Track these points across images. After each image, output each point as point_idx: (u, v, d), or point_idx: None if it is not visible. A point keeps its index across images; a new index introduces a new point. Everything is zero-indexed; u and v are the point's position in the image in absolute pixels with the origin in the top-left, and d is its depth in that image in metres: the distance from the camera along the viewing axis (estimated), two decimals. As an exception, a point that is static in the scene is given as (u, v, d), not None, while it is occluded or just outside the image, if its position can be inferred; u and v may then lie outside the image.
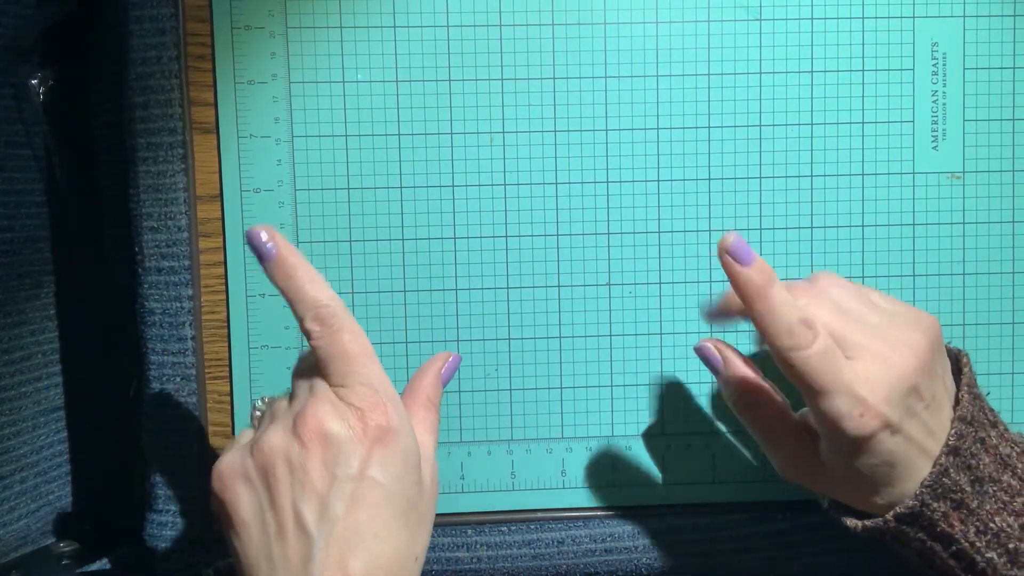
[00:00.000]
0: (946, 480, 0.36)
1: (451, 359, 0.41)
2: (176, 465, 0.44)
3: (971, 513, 0.36)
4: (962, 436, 0.36)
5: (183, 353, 0.44)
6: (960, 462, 0.36)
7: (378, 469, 0.35)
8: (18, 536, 0.47)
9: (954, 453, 0.36)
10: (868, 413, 0.36)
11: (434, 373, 0.41)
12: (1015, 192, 0.46)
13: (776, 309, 0.36)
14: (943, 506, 0.36)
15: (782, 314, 0.36)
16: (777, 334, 0.36)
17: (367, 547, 0.34)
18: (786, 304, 0.36)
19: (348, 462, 0.34)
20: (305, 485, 0.34)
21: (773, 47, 0.45)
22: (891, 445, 0.36)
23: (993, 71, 0.45)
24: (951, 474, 0.36)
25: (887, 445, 0.36)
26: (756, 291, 0.36)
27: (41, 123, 0.47)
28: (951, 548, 0.36)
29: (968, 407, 0.37)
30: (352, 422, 0.35)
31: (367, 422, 0.35)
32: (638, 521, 0.46)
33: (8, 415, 0.46)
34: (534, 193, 0.45)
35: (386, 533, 0.34)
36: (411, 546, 0.35)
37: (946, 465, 0.36)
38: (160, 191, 0.43)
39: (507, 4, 0.44)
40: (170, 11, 0.43)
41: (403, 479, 0.35)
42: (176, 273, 0.44)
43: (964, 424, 0.37)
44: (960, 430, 0.36)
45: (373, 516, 0.34)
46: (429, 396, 0.40)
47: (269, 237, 0.36)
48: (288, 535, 0.34)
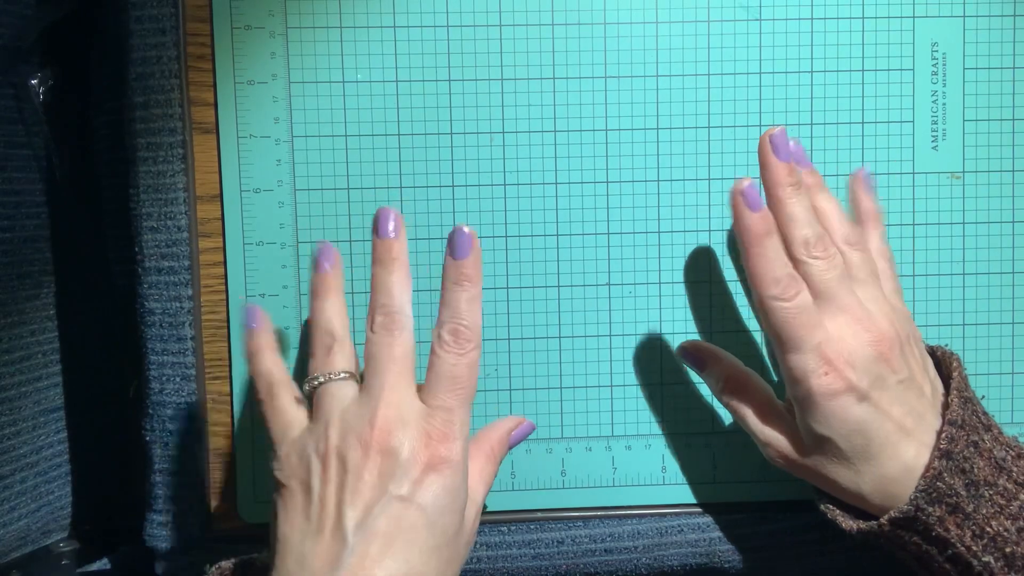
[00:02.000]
0: (940, 484, 0.36)
1: (524, 425, 0.43)
2: (176, 465, 0.44)
3: (967, 517, 0.35)
4: (954, 440, 0.36)
5: (183, 353, 0.44)
6: (954, 466, 0.36)
7: (427, 496, 0.35)
8: (18, 536, 0.47)
9: (947, 456, 0.36)
10: (832, 373, 0.37)
11: (505, 430, 0.42)
12: (1015, 192, 0.46)
13: (769, 256, 0.38)
14: (938, 510, 0.36)
15: (773, 263, 0.38)
16: (764, 281, 0.38)
17: (396, 567, 0.34)
18: (779, 256, 0.38)
19: (401, 480, 0.35)
20: (356, 491, 0.34)
21: (773, 47, 0.45)
22: (860, 412, 0.37)
23: (993, 71, 0.45)
24: (945, 478, 0.36)
25: (855, 412, 0.37)
26: (755, 236, 0.38)
27: (41, 123, 0.47)
28: (947, 552, 0.36)
29: (958, 410, 0.37)
30: (417, 445, 0.35)
31: (431, 448, 0.35)
32: (638, 521, 0.46)
33: (8, 415, 0.46)
34: (534, 193, 0.45)
35: (418, 561, 0.34)
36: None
37: (940, 469, 0.36)
38: (160, 191, 0.43)
39: (507, 4, 0.44)
40: (170, 11, 0.43)
41: (447, 515, 0.35)
42: (176, 273, 0.44)
43: (955, 428, 0.37)
44: (951, 434, 0.36)
45: (410, 541, 0.34)
46: (493, 448, 0.41)
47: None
48: (325, 533, 0.34)
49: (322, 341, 0.38)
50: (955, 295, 0.46)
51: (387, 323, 0.37)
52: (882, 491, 0.37)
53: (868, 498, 0.37)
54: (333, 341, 0.38)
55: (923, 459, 0.37)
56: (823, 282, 0.38)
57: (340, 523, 0.34)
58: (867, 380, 0.37)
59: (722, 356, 0.43)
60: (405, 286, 0.38)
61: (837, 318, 0.38)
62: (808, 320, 0.37)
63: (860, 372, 0.37)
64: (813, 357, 0.37)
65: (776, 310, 0.37)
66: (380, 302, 0.38)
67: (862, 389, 0.37)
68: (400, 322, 0.37)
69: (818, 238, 0.38)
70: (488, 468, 0.40)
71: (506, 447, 0.42)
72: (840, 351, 0.37)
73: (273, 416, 0.38)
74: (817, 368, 0.37)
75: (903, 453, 0.37)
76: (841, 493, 0.39)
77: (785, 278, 0.38)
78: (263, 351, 0.39)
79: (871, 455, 0.37)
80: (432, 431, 0.36)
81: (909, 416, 0.37)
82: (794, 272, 0.38)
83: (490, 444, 0.41)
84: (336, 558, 0.34)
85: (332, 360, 0.38)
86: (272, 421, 0.38)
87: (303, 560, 0.34)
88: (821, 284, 0.38)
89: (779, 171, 0.39)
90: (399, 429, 0.35)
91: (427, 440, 0.36)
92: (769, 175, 0.39)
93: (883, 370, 0.37)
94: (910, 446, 0.37)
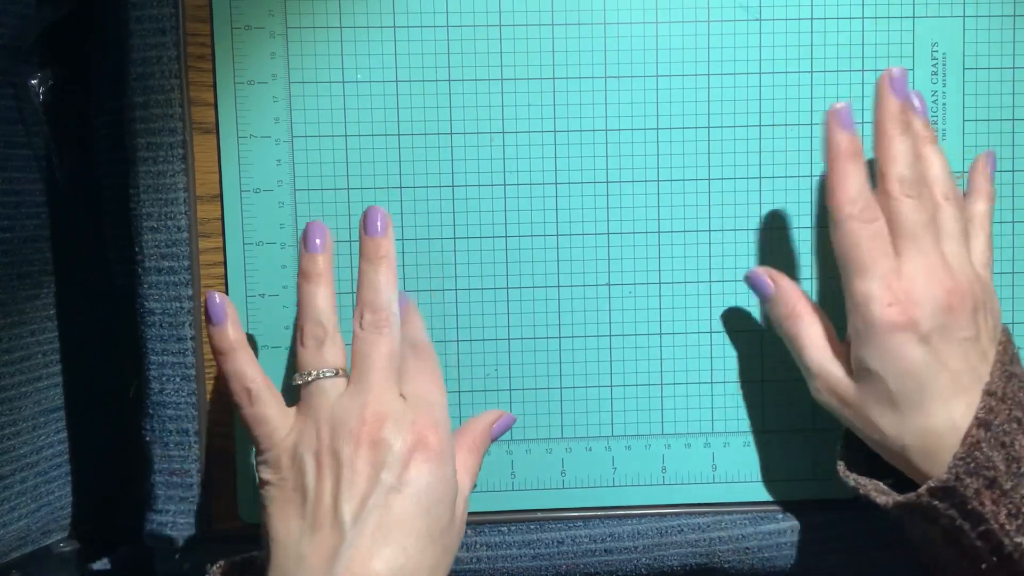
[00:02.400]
0: (978, 454, 0.35)
1: (505, 417, 0.44)
2: (176, 465, 0.44)
3: (1004, 494, 0.35)
4: (992, 411, 0.36)
5: (183, 353, 0.44)
6: (993, 438, 0.35)
7: (420, 484, 0.36)
8: (18, 536, 0.47)
9: (984, 427, 0.35)
10: (897, 306, 0.36)
11: (487, 423, 0.43)
12: (1015, 192, 0.46)
13: (851, 177, 0.38)
14: (976, 482, 0.35)
15: (854, 185, 0.38)
16: (842, 201, 0.38)
17: (394, 556, 0.34)
18: (860, 178, 0.38)
19: (393, 468, 0.35)
20: (352, 484, 0.35)
21: (773, 47, 0.45)
22: (918, 354, 0.36)
23: (993, 71, 0.45)
24: (984, 448, 0.35)
25: (913, 353, 0.36)
26: (841, 153, 0.38)
27: (41, 123, 0.47)
28: (979, 528, 0.35)
29: (999, 383, 0.36)
30: (406, 435, 0.36)
31: (418, 436, 0.36)
32: (638, 521, 0.46)
33: (8, 415, 0.46)
34: (534, 193, 0.45)
35: (414, 549, 0.35)
36: (433, 571, 0.35)
37: (977, 438, 0.35)
38: (160, 191, 0.43)
39: (507, 4, 0.44)
40: (170, 11, 0.43)
41: (439, 503, 0.36)
42: (176, 273, 0.44)
43: (993, 399, 0.36)
44: (989, 404, 0.36)
45: (406, 531, 0.35)
46: (475, 440, 0.41)
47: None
48: (323, 529, 0.34)
49: (313, 332, 0.38)
50: (955, 295, 0.46)
51: (376, 321, 0.38)
52: (924, 445, 0.36)
53: (909, 451, 0.37)
54: (324, 334, 0.38)
55: (970, 421, 0.36)
56: (910, 223, 0.37)
57: (338, 517, 0.34)
58: (931, 324, 0.36)
59: (790, 284, 0.42)
60: (392, 284, 0.39)
61: (915, 259, 0.37)
62: (881, 247, 0.37)
63: (926, 314, 0.36)
64: (880, 285, 0.37)
65: (850, 231, 0.37)
66: (368, 299, 0.38)
67: (924, 331, 0.36)
68: (388, 320, 0.38)
69: (916, 180, 0.38)
70: (472, 460, 0.41)
71: (488, 439, 0.42)
72: (909, 288, 0.36)
73: (256, 423, 0.38)
74: (882, 296, 0.36)
75: (954, 409, 0.36)
76: (882, 441, 0.38)
77: (863, 200, 0.37)
78: (235, 350, 0.39)
79: (921, 403, 0.36)
80: (417, 419, 0.37)
81: (967, 374, 0.36)
82: (873, 201, 0.38)
83: (472, 437, 0.41)
84: (334, 552, 0.34)
85: (322, 354, 0.38)
86: (256, 427, 0.38)
87: (301, 559, 0.34)
88: (908, 224, 0.37)
89: (892, 105, 0.39)
90: (388, 421, 0.36)
91: (413, 428, 0.36)
92: (881, 109, 0.39)
93: (950, 321, 0.36)
94: (961, 403, 0.36)
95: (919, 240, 0.37)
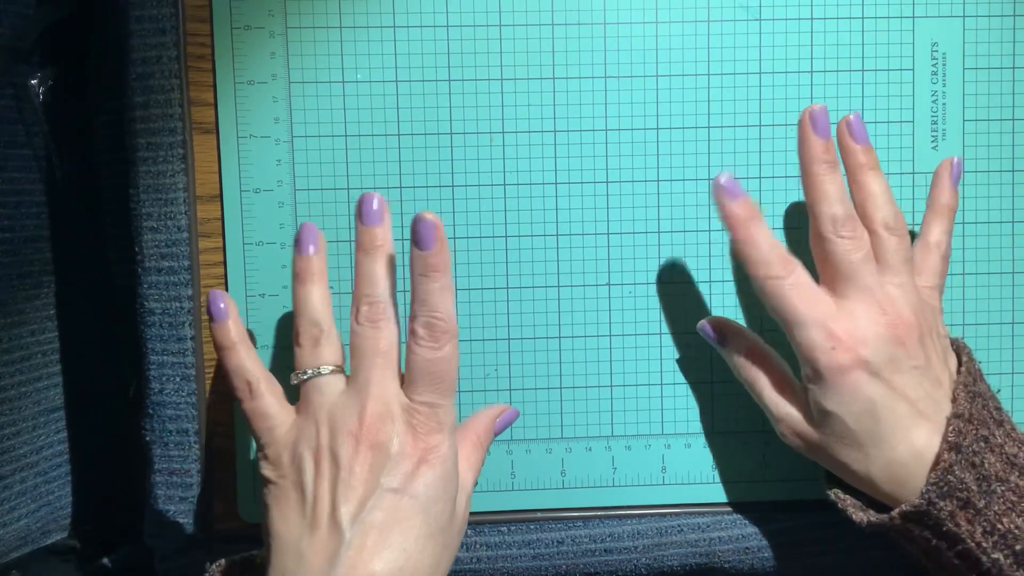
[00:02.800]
0: (951, 478, 0.35)
1: (508, 412, 0.43)
2: (176, 465, 0.44)
3: (978, 513, 0.35)
4: (961, 433, 0.36)
5: (183, 353, 0.44)
6: (964, 460, 0.36)
7: (419, 487, 0.35)
8: (18, 536, 0.47)
9: (955, 450, 0.36)
10: (840, 347, 0.37)
11: (490, 418, 0.42)
12: (1015, 192, 0.46)
13: (756, 240, 0.38)
14: (949, 505, 0.35)
15: (761, 245, 0.38)
16: (755, 263, 0.38)
17: (394, 558, 0.34)
18: (766, 238, 0.38)
19: (393, 473, 0.35)
20: (349, 486, 0.35)
21: (773, 47, 0.45)
22: (871, 391, 0.36)
23: (993, 71, 0.45)
24: (956, 472, 0.35)
25: (867, 389, 0.36)
26: (740, 223, 0.38)
27: (41, 123, 0.47)
28: (956, 548, 0.36)
29: (965, 404, 0.37)
30: (405, 438, 0.36)
31: (419, 441, 0.36)
32: (638, 521, 0.46)
33: (8, 415, 0.46)
34: (534, 193, 0.45)
35: (414, 549, 0.35)
36: (434, 569, 0.35)
37: (950, 462, 0.35)
38: (160, 191, 0.43)
39: (507, 4, 0.44)
40: (170, 11, 0.43)
41: (439, 503, 0.36)
42: (176, 273, 0.44)
43: (961, 421, 0.36)
44: (958, 427, 0.36)
45: (406, 531, 0.35)
46: (479, 436, 0.41)
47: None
48: (321, 529, 0.34)
49: (308, 332, 0.38)
50: (955, 295, 0.46)
51: (372, 314, 0.37)
52: (891, 476, 0.37)
53: (877, 482, 0.37)
54: (320, 333, 0.38)
55: (934, 447, 0.36)
56: (847, 263, 0.38)
57: (335, 518, 0.34)
58: (880, 358, 0.36)
59: (742, 331, 0.43)
60: (389, 275, 0.38)
61: (855, 298, 0.37)
62: (808, 295, 0.37)
63: (872, 350, 0.36)
64: (819, 331, 0.37)
65: (772, 288, 0.38)
66: (364, 292, 0.37)
67: (874, 366, 0.36)
68: (385, 312, 0.37)
69: (847, 217, 0.38)
70: (475, 455, 0.40)
71: (492, 434, 0.42)
72: (849, 328, 0.37)
73: (257, 417, 0.38)
74: (824, 343, 0.37)
75: (915, 438, 0.36)
76: (850, 476, 0.38)
77: (776, 259, 0.38)
78: (236, 346, 0.39)
79: (881, 437, 0.37)
80: (419, 425, 0.36)
81: (923, 401, 0.37)
82: (786, 254, 0.38)
83: (476, 432, 0.41)
84: (334, 552, 0.34)
85: (319, 352, 0.38)
86: (256, 421, 0.38)
87: (300, 557, 0.34)
88: (844, 264, 0.38)
89: (815, 147, 0.39)
90: (387, 423, 0.36)
91: (414, 433, 0.36)
92: (805, 151, 0.39)
93: (898, 352, 0.37)
94: (922, 431, 0.36)
95: (857, 277, 0.38)
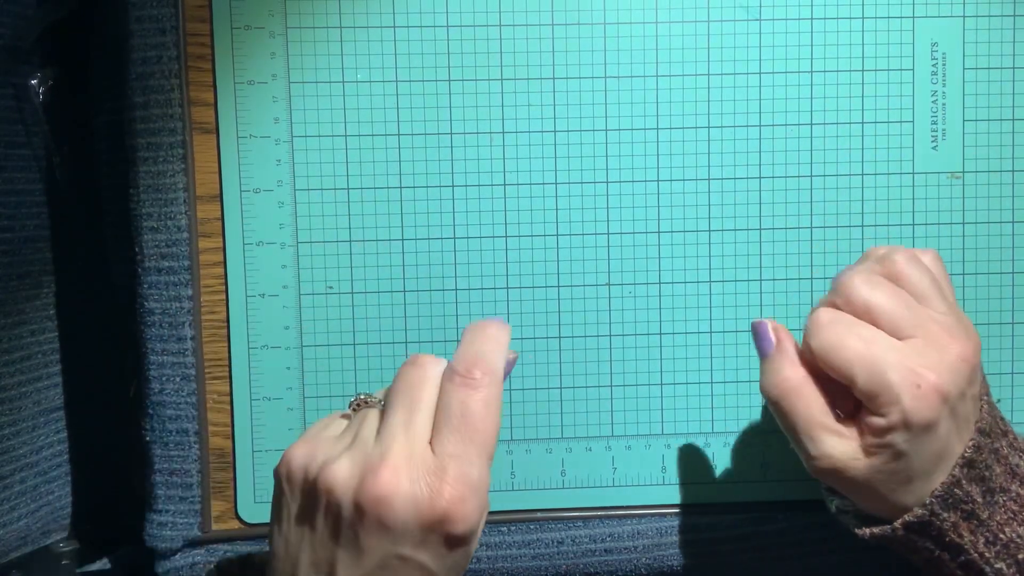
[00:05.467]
0: (958, 491, 0.35)
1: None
2: (176, 465, 0.44)
3: (981, 524, 0.35)
4: (979, 448, 0.35)
5: (183, 353, 0.44)
6: (975, 474, 0.35)
7: (431, 558, 0.31)
8: (18, 536, 0.47)
9: (969, 465, 0.35)
10: (926, 386, 0.33)
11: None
12: (1015, 192, 0.46)
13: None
14: (953, 516, 0.35)
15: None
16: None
17: None
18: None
19: (402, 540, 0.31)
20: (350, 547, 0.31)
21: (773, 47, 0.45)
22: (948, 426, 0.34)
23: (993, 71, 0.45)
24: (963, 485, 0.35)
25: (944, 426, 0.34)
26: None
27: (41, 123, 0.47)
28: (960, 558, 0.35)
29: (987, 418, 0.36)
30: (423, 506, 0.31)
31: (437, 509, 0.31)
32: (638, 521, 0.46)
33: (8, 415, 0.46)
34: (534, 193, 0.45)
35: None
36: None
37: (959, 476, 0.35)
38: (160, 191, 0.43)
39: (507, 4, 0.44)
40: (170, 11, 0.43)
41: (451, 571, 0.32)
42: (176, 273, 0.44)
43: (982, 436, 0.35)
44: (978, 442, 0.35)
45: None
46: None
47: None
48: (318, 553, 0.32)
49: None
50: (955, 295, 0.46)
51: (417, 358, 0.34)
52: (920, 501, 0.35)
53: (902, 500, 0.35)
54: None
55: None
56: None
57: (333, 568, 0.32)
58: (957, 392, 0.34)
59: (791, 351, 0.37)
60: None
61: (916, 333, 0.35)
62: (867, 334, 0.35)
63: (950, 384, 0.34)
64: (898, 372, 0.34)
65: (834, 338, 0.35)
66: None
67: (952, 401, 0.34)
68: (431, 359, 0.34)
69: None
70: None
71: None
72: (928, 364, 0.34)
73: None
74: (908, 384, 0.34)
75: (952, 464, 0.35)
76: (884, 508, 0.36)
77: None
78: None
79: (934, 471, 0.35)
80: (443, 488, 0.31)
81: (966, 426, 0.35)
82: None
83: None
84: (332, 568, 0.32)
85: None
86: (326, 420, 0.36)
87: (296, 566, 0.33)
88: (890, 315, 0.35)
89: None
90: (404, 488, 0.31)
91: (432, 499, 0.31)
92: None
93: (965, 386, 0.35)
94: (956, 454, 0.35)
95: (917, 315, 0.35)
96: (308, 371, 0.45)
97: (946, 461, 0.35)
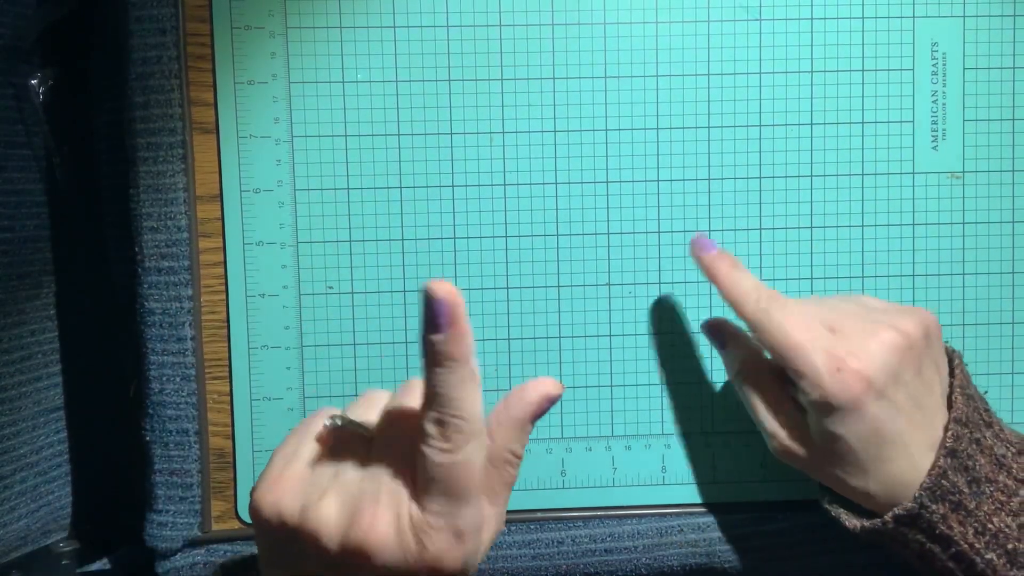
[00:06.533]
0: (945, 482, 0.36)
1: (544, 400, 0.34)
2: (176, 465, 0.44)
3: (969, 514, 0.35)
4: (959, 438, 0.36)
5: (183, 353, 0.44)
6: (958, 463, 0.36)
7: None
8: (18, 536, 0.47)
9: (952, 455, 0.36)
10: (847, 370, 0.36)
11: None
12: (1015, 192, 0.46)
13: (740, 280, 0.39)
14: (942, 508, 0.36)
15: (744, 283, 0.39)
16: (743, 301, 0.39)
17: None
18: (749, 278, 0.40)
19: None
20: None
21: (773, 47, 0.45)
22: (879, 412, 0.36)
23: (993, 71, 0.45)
24: (949, 476, 0.36)
25: (875, 411, 0.36)
26: (721, 270, 0.40)
27: (41, 123, 0.47)
28: (950, 550, 0.36)
29: (963, 408, 0.37)
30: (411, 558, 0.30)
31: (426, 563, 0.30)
32: (638, 521, 0.46)
33: (8, 415, 0.46)
34: (534, 193, 0.45)
35: None
36: None
37: (944, 467, 0.36)
38: (160, 191, 0.43)
39: (507, 4, 0.44)
40: (170, 11, 0.43)
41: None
42: (176, 273, 0.44)
43: (960, 426, 0.36)
44: (956, 432, 0.36)
45: None
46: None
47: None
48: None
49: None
50: (955, 295, 0.46)
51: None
52: (889, 490, 0.37)
53: (874, 496, 0.37)
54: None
55: (929, 457, 0.36)
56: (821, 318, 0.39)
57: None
58: (882, 378, 0.36)
59: (744, 338, 0.42)
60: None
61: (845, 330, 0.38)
62: (803, 322, 0.38)
63: (877, 371, 0.36)
64: (821, 356, 0.36)
65: (765, 319, 0.38)
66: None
67: (879, 385, 0.36)
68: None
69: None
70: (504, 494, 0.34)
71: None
72: (852, 349, 0.36)
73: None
74: (828, 367, 0.36)
75: (913, 451, 0.36)
76: (847, 491, 0.38)
77: (763, 294, 0.39)
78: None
79: (883, 456, 0.36)
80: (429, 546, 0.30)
81: (920, 412, 0.37)
82: (772, 291, 0.39)
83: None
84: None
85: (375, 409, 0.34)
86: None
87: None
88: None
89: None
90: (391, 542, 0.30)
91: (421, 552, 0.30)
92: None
93: (899, 368, 0.36)
94: (920, 443, 0.36)
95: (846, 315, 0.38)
96: (308, 371, 0.45)
97: (899, 447, 0.36)
